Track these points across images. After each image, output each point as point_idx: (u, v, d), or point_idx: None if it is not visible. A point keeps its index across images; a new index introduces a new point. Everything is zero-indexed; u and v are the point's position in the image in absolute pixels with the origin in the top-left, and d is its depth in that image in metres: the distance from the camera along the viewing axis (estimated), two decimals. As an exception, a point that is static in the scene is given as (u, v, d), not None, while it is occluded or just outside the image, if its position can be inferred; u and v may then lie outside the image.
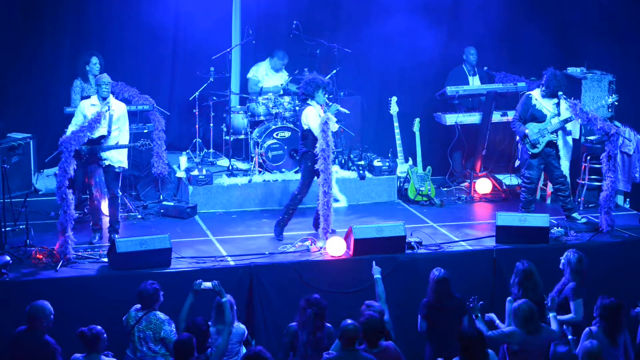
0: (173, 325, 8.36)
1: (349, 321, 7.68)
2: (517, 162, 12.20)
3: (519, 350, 8.07)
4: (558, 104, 11.13)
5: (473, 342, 7.49)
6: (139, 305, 8.47)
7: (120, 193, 10.97)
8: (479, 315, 8.49)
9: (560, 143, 11.33)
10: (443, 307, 8.70)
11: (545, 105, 11.14)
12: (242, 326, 8.59)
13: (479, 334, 7.59)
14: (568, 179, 11.49)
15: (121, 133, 10.51)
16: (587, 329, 8.26)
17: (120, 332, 8.36)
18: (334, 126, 10.51)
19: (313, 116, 10.41)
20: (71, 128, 10.29)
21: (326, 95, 10.61)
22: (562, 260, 9.16)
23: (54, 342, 7.98)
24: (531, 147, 11.09)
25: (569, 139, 11.56)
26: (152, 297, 8.43)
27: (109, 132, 10.33)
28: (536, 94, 11.24)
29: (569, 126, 11.26)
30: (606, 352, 7.92)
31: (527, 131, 11.07)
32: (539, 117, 11.13)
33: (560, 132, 11.31)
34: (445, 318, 8.64)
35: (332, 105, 10.62)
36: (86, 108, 10.40)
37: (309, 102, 10.51)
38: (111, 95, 10.49)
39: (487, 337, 7.87)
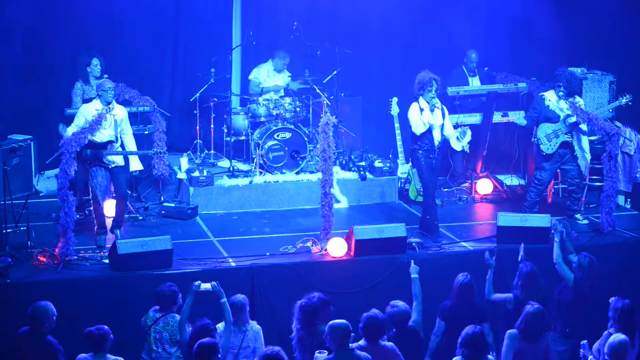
0: (190, 327, 8.35)
1: (339, 320, 7.69)
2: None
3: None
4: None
5: (475, 339, 7.56)
6: (157, 307, 8.51)
7: (129, 192, 10.98)
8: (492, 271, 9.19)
9: (575, 143, 11.27)
10: (463, 312, 8.72)
11: (559, 106, 11.12)
12: (258, 326, 8.58)
13: (481, 332, 7.65)
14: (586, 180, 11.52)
15: (126, 136, 10.52)
16: (605, 331, 8.22)
17: (122, 333, 8.34)
18: (436, 121, 10.58)
19: (412, 113, 10.54)
20: (71, 130, 10.29)
21: (432, 92, 10.58)
22: (573, 264, 9.20)
23: (56, 342, 7.99)
24: (546, 141, 11.02)
25: (584, 139, 11.43)
26: (170, 299, 8.47)
27: (116, 138, 10.35)
28: (549, 95, 11.20)
29: (583, 127, 11.21)
30: None
31: (538, 131, 11.08)
32: (553, 118, 11.11)
33: (574, 133, 11.23)
34: (464, 324, 8.63)
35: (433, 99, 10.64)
36: (90, 113, 10.36)
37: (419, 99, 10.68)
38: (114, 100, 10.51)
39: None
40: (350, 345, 7.69)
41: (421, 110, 10.53)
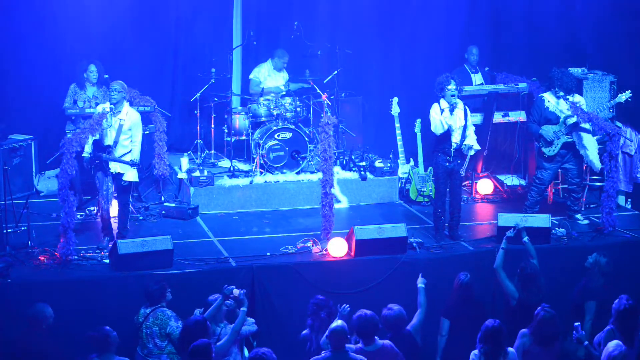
0: (180, 322, 8.39)
1: (339, 322, 7.71)
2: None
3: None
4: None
5: (494, 333, 7.60)
6: (148, 303, 8.57)
7: (131, 200, 10.91)
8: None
9: (577, 143, 11.26)
10: (465, 312, 8.73)
11: (558, 107, 11.09)
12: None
13: (500, 325, 7.68)
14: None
15: (132, 143, 10.18)
16: (607, 327, 8.25)
17: (123, 333, 8.33)
18: (455, 122, 10.47)
19: (432, 113, 10.46)
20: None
21: (451, 91, 10.45)
22: (590, 261, 9.23)
23: (55, 343, 8.00)
24: (546, 145, 11.01)
25: (587, 136, 11.37)
26: (157, 294, 8.53)
27: (116, 143, 10.10)
28: (548, 96, 11.17)
29: (586, 125, 11.18)
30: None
31: (541, 132, 11.04)
32: (553, 119, 11.07)
33: (575, 133, 11.21)
34: (465, 323, 8.65)
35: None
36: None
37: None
38: (127, 104, 10.25)
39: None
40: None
41: (441, 110, 10.47)
